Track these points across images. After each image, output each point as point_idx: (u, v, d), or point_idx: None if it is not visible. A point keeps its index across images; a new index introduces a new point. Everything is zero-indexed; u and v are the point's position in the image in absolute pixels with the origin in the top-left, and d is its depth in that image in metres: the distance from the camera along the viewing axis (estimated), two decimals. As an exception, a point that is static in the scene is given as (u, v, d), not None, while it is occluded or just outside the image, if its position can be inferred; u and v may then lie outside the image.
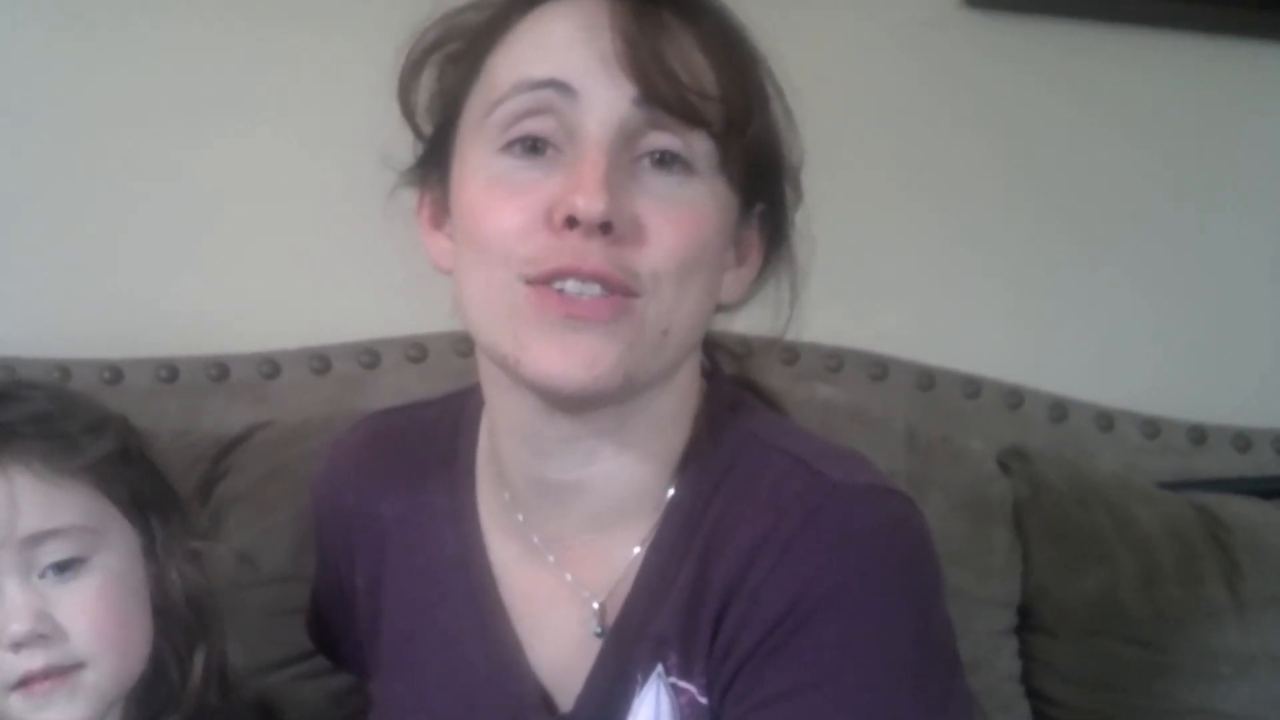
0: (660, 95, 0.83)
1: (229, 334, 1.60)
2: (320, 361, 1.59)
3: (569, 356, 0.83)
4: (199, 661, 1.01)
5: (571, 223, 0.82)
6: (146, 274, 1.63)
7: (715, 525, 0.88)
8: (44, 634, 0.93)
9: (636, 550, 0.92)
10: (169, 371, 1.57)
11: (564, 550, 0.94)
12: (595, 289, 0.83)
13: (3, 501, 0.93)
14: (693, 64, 0.86)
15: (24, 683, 0.93)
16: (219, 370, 1.57)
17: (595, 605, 0.92)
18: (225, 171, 1.62)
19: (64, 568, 0.95)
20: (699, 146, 0.86)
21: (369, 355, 1.59)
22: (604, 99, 0.84)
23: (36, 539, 0.94)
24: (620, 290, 0.83)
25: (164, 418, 1.47)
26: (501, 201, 0.85)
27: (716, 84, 0.86)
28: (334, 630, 1.12)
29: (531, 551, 0.95)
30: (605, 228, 0.82)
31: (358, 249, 1.59)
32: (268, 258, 1.64)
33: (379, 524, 1.03)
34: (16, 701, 0.93)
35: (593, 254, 0.82)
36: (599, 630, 0.92)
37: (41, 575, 0.94)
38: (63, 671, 0.93)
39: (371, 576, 1.04)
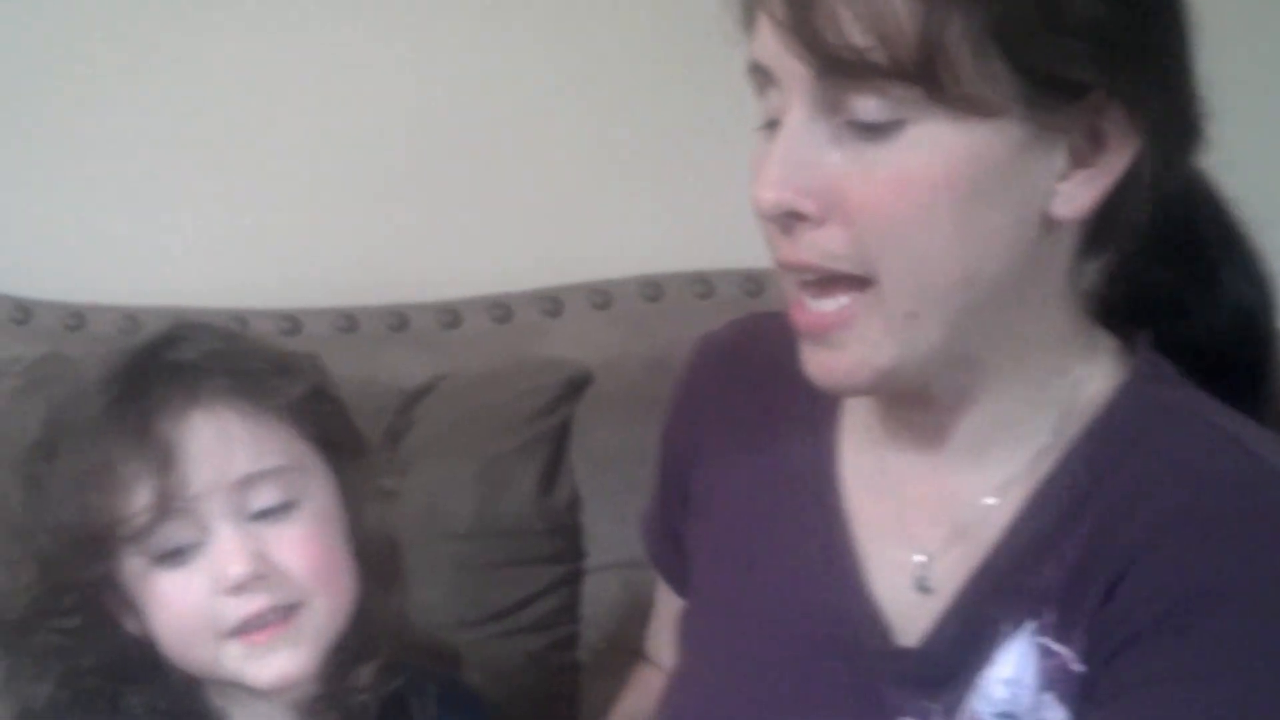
0: (833, 62, 0.75)
1: (408, 282, 1.59)
2: (501, 310, 1.57)
3: (811, 368, 0.83)
4: (394, 606, 1.00)
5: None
6: (324, 223, 1.63)
7: (1120, 488, 0.82)
8: (263, 575, 0.91)
9: (990, 501, 0.87)
10: (347, 321, 1.57)
11: (911, 486, 0.91)
12: (826, 302, 0.80)
13: (214, 445, 0.91)
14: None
15: (244, 630, 0.91)
16: (398, 320, 1.57)
17: (919, 558, 0.88)
18: (402, 118, 1.62)
19: (274, 509, 0.93)
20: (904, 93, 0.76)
21: (551, 303, 1.57)
22: (792, 80, 0.77)
23: (249, 480, 0.92)
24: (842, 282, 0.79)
25: (342, 369, 1.45)
26: (751, 183, 0.81)
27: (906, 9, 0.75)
28: (659, 541, 1.08)
29: (880, 477, 0.92)
30: (792, 216, 0.77)
31: (540, 195, 1.63)
32: (446, 203, 1.63)
33: (732, 423, 1.00)
34: (236, 649, 0.92)
35: (792, 246, 0.79)
36: (924, 584, 0.88)
37: (253, 518, 0.93)
38: (283, 615, 0.92)
39: (710, 479, 1.00)
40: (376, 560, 0.99)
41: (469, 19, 1.60)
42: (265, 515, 0.93)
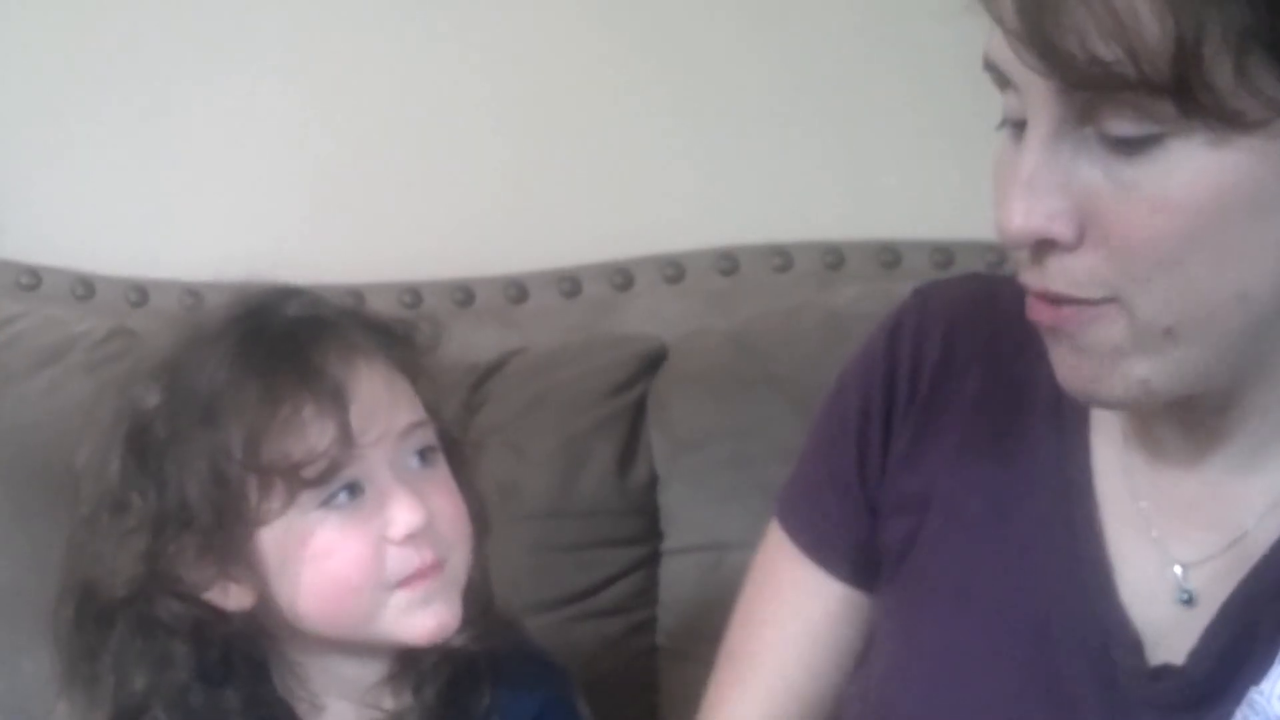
0: (1076, 76, 0.69)
1: (474, 256, 1.58)
2: (570, 283, 1.56)
3: (1059, 368, 0.79)
4: (487, 563, 0.99)
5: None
6: (389, 199, 1.63)
7: None
8: (431, 525, 0.92)
9: (1264, 510, 0.83)
10: (412, 296, 1.56)
11: (1172, 490, 0.86)
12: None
13: (382, 392, 0.92)
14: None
15: (407, 579, 0.91)
16: (464, 294, 1.56)
17: (1177, 569, 0.85)
18: (464, 98, 1.61)
19: (426, 457, 0.95)
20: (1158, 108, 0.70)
21: (621, 276, 1.55)
22: (1033, 95, 0.71)
23: (409, 431, 0.93)
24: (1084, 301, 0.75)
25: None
26: (995, 189, 0.76)
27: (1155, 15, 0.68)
28: (823, 514, 1.00)
29: (1135, 478, 0.87)
30: (1043, 243, 0.73)
31: (609, 165, 1.61)
32: (511, 175, 1.61)
33: (955, 392, 0.94)
34: (399, 597, 0.91)
35: (1039, 273, 0.75)
36: (1186, 596, 0.84)
37: (409, 469, 0.93)
38: (437, 565, 0.92)
39: (913, 454, 0.95)
40: (474, 520, 0.99)
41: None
42: (421, 463, 0.94)
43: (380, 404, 0.92)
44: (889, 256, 1.51)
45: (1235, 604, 0.82)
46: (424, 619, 0.92)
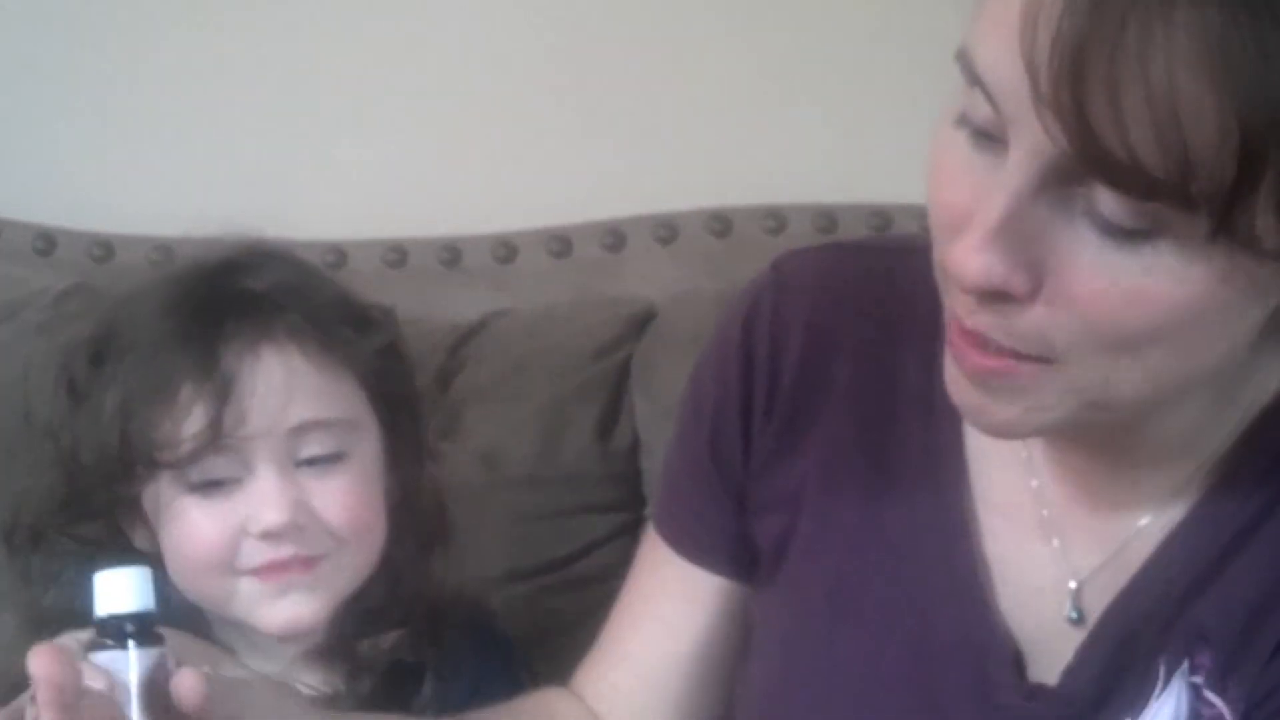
0: (1099, 156, 0.61)
1: (460, 214, 1.56)
2: (560, 243, 1.53)
3: (957, 395, 0.74)
4: (428, 570, 1.00)
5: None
6: (369, 152, 1.60)
7: None
8: (299, 526, 0.91)
9: (1144, 521, 0.79)
10: (397, 254, 1.54)
11: (1057, 493, 0.82)
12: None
13: (278, 386, 0.91)
14: (1176, 97, 0.59)
15: (262, 571, 0.92)
16: (451, 254, 1.54)
17: (1072, 585, 0.81)
18: (455, 46, 1.58)
19: (322, 459, 0.93)
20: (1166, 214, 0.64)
21: (613, 236, 1.53)
22: (1027, 138, 0.64)
23: (304, 429, 0.92)
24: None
25: (391, 305, 1.45)
26: (934, 185, 0.70)
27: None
28: (694, 514, 0.97)
29: (1017, 479, 0.83)
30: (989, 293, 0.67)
31: (600, 120, 1.59)
32: (499, 131, 1.59)
33: (821, 384, 0.89)
34: (249, 586, 0.92)
35: (976, 316, 0.70)
36: (1074, 615, 0.80)
37: (298, 464, 0.93)
38: (305, 563, 0.92)
39: (778, 452, 0.91)
40: (419, 522, 1.00)
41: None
42: (311, 463, 0.93)
43: (273, 398, 0.91)
44: (881, 220, 1.49)
45: (1114, 619, 0.78)
46: (276, 611, 0.92)
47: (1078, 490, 0.81)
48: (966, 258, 0.66)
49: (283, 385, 0.91)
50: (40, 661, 0.67)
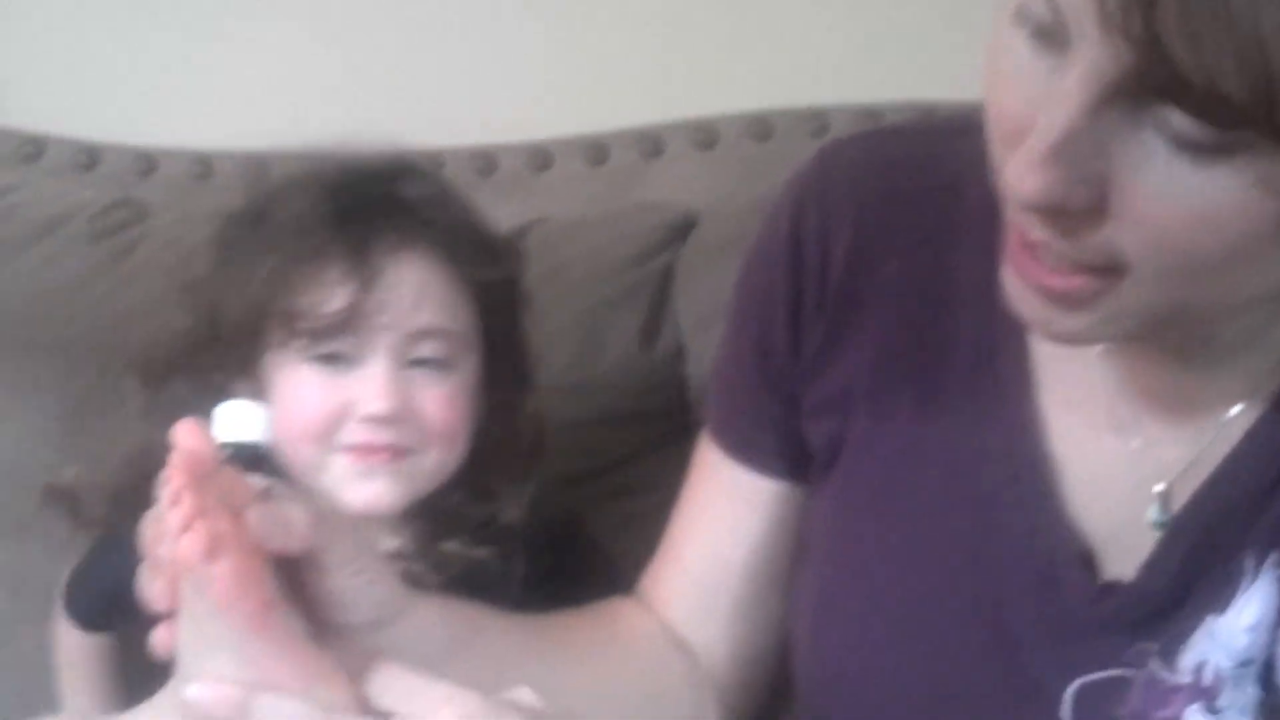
0: (1174, 82, 0.58)
1: (495, 123, 1.54)
2: (596, 151, 1.51)
3: (1020, 307, 0.71)
4: (520, 491, 1.09)
5: None
6: (402, 62, 1.58)
7: None
8: (400, 418, 1.00)
9: (1232, 413, 0.77)
10: (432, 165, 1.47)
11: (1130, 385, 0.79)
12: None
13: (413, 288, 1.00)
14: (1259, 21, 0.55)
15: (360, 448, 1.00)
16: (485, 163, 1.51)
17: (1158, 487, 0.78)
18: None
19: (432, 363, 1.02)
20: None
21: (650, 142, 1.50)
22: (1092, 53, 0.60)
23: (424, 333, 1.01)
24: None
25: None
26: (991, 90, 0.67)
27: None
28: (746, 418, 0.96)
29: (1084, 370, 0.80)
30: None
31: (636, 23, 1.55)
32: (532, 35, 1.57)
33: (871, 278, 0.87)
34: (340, 462, 1.01)
35: (1038, 228, 0.67)
36: (1156, 514, 0.78)
37: (411, 363, 1.01)
38: (400, 452, 1.01)
39: (828, 353, 0.89)
40: (512, 445, 1.09)
41: None
42: (422, 365, 1.02)
43: (406, 298, 1.00)
44: (927, 121, 1.45)
45: (1194, 515, 0.76)
46: (361, 489, 1.01)
47: (1156, 387, 0.79)
48: (1025, 174, 0.63)
49: (417, 288, 1.00)
50: (183, 431, 0.69)
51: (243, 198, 1.08)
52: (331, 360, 1.00)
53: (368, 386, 1.00)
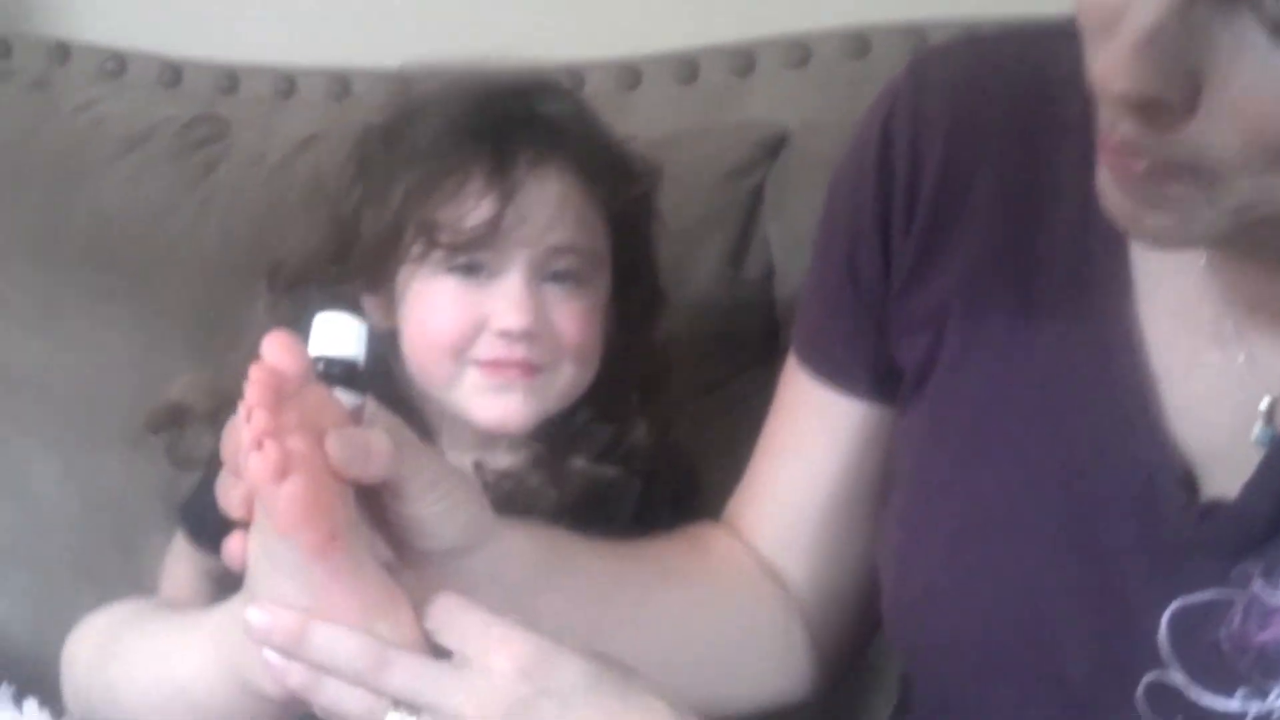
0: None
1: (584, 41, 1.50)
2: (686, 69, 1.47)
3: (1112, 206, 0.69)
4: (647, 414, 1.10)
5: None
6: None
7: None
8: (534, 333, 1.00)
9: None
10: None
11: (1237, 301, 0.76)
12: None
13: (552, 203, 1.01)
14: None
15: (494, 362, 1.00)
16: (574, 81, 1.47)
17: (1264, 404, 0.75)
18: None
19: (567, 278, 1.03)
20: None
21: (742, 59, 1.46)
22: None
23: (561, 249, 1.02)
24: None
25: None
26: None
27: None
28: (834, 338, 0.94)
29: (1193, 279, 0.77)
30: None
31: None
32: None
33: (965, 192, 0.85)
34: (474, 376, 1.01)
35: (1126, 126, 0.65)
36: (1262, 432, 0.75)
37: (547, 278, 1.02)
38: (533, 369, 1.01)
39: (920, 272, 0.86)
40: (639, 368, 1.10)
41: None
42: (558, 282, 1.02)
43: (545, 213, 1.01)
44: (1031, 37, 1.41)
45: None
46: (492, 404, 1.01)
47: (1261, 299, 0.75)
48: (1114, 66, 0.61)
49: (556, 204, 1.01)
50: (270, 343, 0.68)
51: (379, 114, 1.09)
52: (468, 273, 1.01)
53: (503, 300, 1.00)
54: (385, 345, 1.03)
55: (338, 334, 0.73)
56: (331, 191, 1.08)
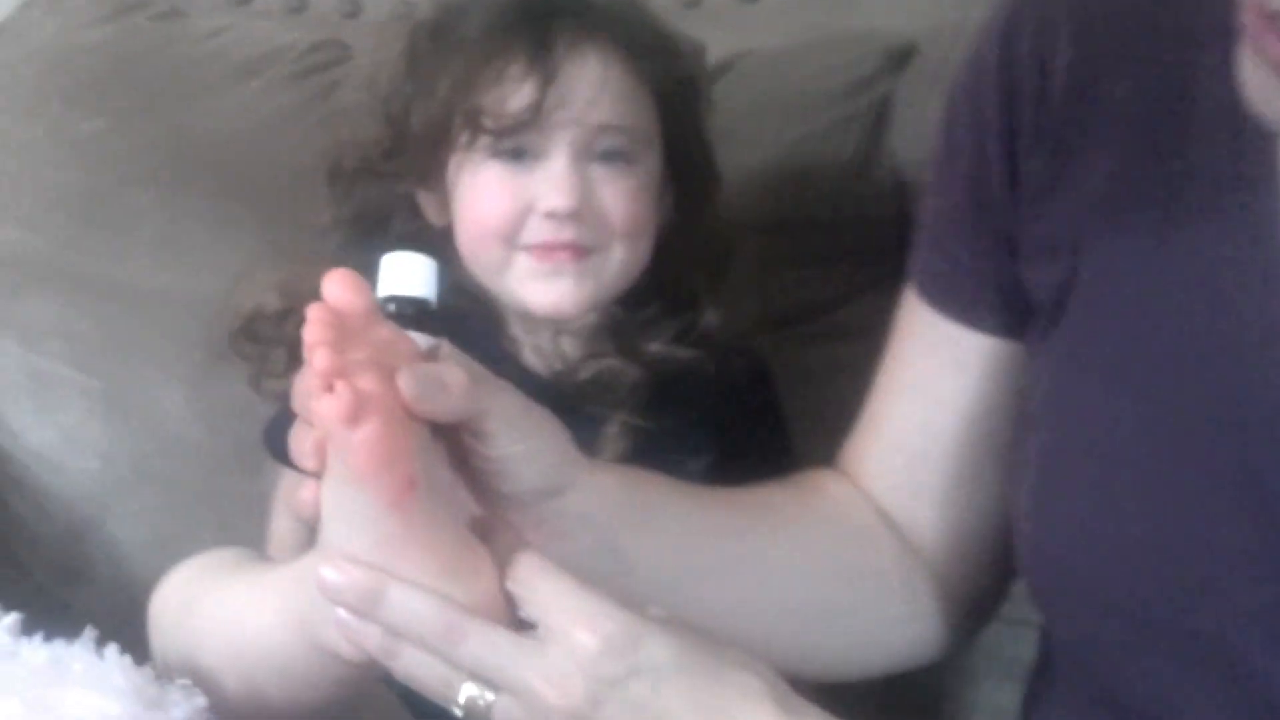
0: None
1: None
2: (806, -26, 1.43)
3: (1252, 91, 0.66)
4: (711, 298, 1.10)
5: None
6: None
7: None
8: (582, 213, 1.01)
9: None
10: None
11: None
12: None
13: (594, 83, 1.02)
14: None
15: (542, 246, 1.02)
16: (689, -5, 1.46)
17: None
18: None
19: (614, 157, 1.03)
20: None
21: (867, -38, 1.41)
22: None
23: (605, 128, 1.02)
24: None
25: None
26: None
27: None
28: (958, 266, 0.89)
29: None
30: None
31: None
32: None
33: (1099, 102, 0.80)
34: (524, 262, 1.03)
35: None
36: None
37: (593, 158, 1.03)
38: (582, 251, 1.02)
39: (1050, 187, 0.81)
40: (698, 251, 1.10)
41: None
42: (604, 162, 1.03)
43: (587, 92, 1.01)
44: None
45: None
46: (545, 290, 1.02)
47: None
48: None
49: (598, 83, 1.01)
50: (331, 280, 0.65)
51: (429, 10, 1.10)
52: (514, 157, 1.02)
53: (548, 182, 1.01)
54: (444, 241, 1.05)
55: (407, 273, 0.71)
56: (384, 89, 1.10)
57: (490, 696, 0.67)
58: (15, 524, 1.32)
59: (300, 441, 0.68)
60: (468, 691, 0.67)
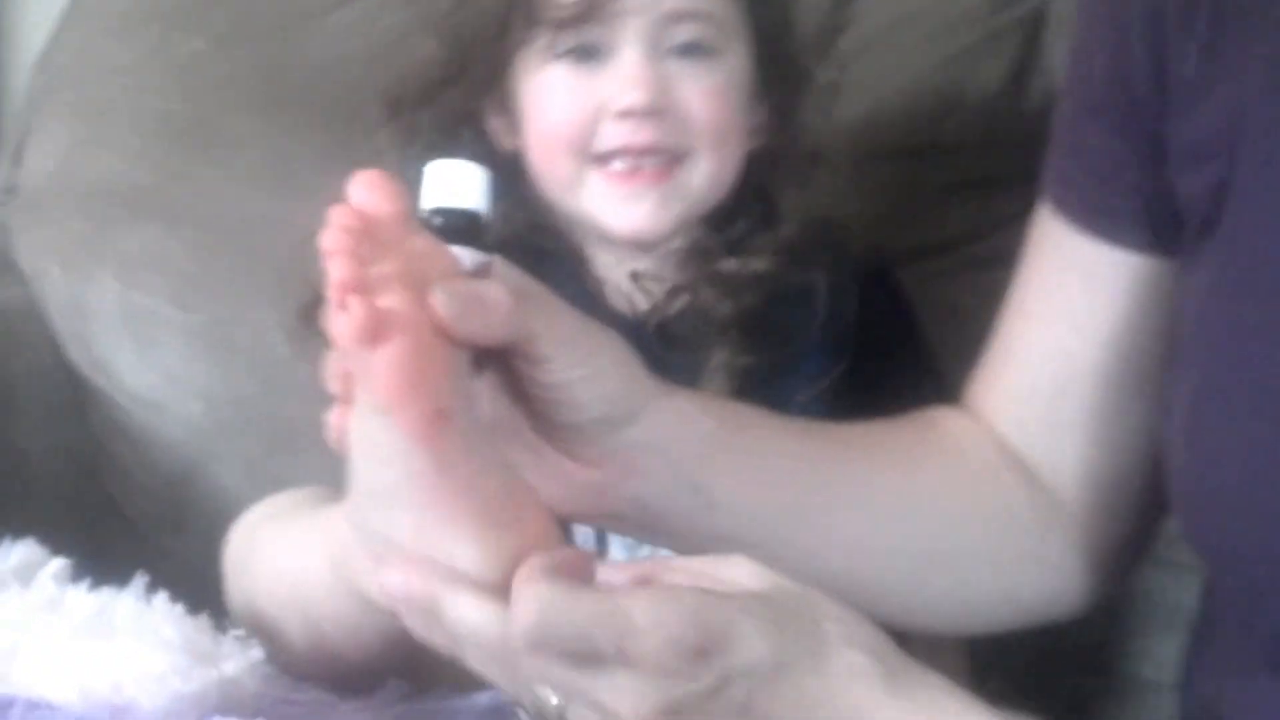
0: None
1: None
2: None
3: None
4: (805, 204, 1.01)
5: None
6: None
7: None
8: (659, 111, 0.93)
9: None
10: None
11: None
12: None
13: None
14: None
15: (618, 159, 0.93)
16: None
17: None
18: None
19: (694, 49, 0.95)
20: None
21: None
22: None
23: (678, 15, 0.94)
24: None
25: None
26: None
27: None
28: (1097, 175, 0.82)
29: None
30: None
31: None
32: None
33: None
34: (599, 183, 0.94)
35: None
36: None
37: (669, 52, 0.94)
38: (665, 165, 0.93)
39: (1205, 77, 0.75)
40: (790, 154, 1.01)
41: None
42: (683, 53, 0.94)
43: None
44: None
45: None
46: (625, 212, 0.94)
47: None
48: None
49: None
50: (357, 183, 0.60)
51: None
52: (581, 58, 0.94)
53: (618, 79, 0.93)
54: (515, 170, 0.98)
55: (454, 182, 0.64)
56: (440, 14, 1.04)
57: (556, 699, 0.60)
58: (120, 473, 1.29)
59: (326, 366, 0.63)
60: (538, 694, 0.60)
